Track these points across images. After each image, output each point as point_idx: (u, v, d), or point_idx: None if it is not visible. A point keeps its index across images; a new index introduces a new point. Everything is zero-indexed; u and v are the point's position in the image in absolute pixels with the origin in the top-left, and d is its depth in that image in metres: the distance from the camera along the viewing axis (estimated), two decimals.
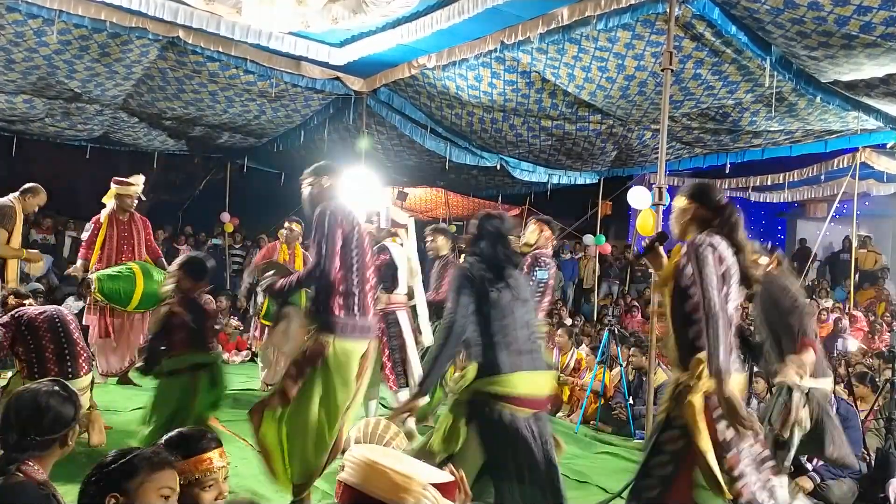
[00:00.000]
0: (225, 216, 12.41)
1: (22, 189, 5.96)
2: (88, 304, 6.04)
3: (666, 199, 6.03)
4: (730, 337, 2.36)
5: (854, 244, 10.45)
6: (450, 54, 7.02)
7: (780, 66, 6.23)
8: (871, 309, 10.60)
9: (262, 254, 6.78)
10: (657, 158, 5.97)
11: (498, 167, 10.23)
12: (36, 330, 4.08)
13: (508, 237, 3.01)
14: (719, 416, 2.32)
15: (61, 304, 6.04)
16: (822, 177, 9.99)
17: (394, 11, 5.90)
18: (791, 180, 10.42)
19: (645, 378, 5.85)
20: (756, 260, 3.54)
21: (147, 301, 5.98)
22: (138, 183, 6.21)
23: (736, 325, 2.56)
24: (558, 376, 7.24)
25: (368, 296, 3.38)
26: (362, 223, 3.54)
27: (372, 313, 3.43)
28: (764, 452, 2.46)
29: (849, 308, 10.06)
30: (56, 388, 2.20)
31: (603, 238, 11.99)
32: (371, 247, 3.53)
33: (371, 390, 5.04)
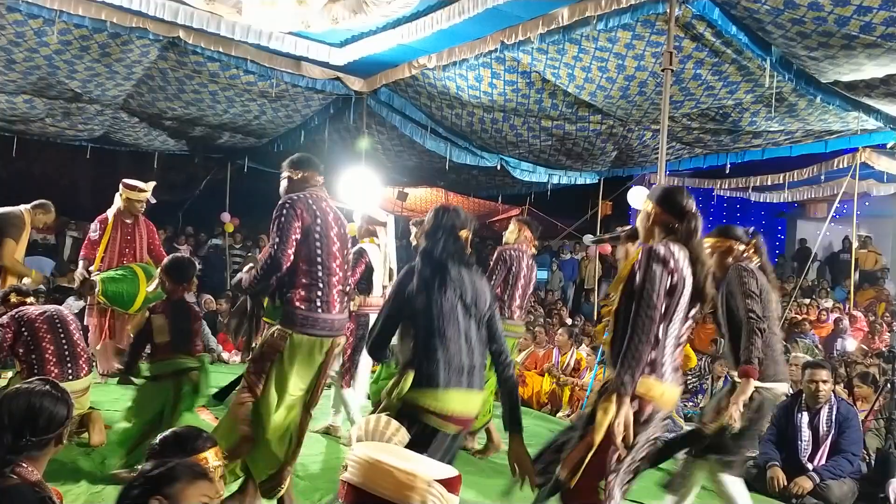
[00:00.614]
0: (225, 216, 12.42)
1: (34, 203, 6.00)
2: (90, 305, 6.03)
3: None
4: (651, 353, 2.37)
5: (854, 244, 10.46)
6: (450, 54, 7.02)
7: (781, 67, 6.23)
8: (871, 309, 10.60)
9: (264, 254, 6.78)
10: (657, 158, 5.98)
11: (498, 167, 10.23)
12: (36, 331, 4.08)
13: (461, 233, 2.76)
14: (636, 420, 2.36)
15: (61, 304, 6.05)
16: (822, 177, 9.99)
17: (394, 11, 5.91)
18: (791, 180, 10.42)
19: None
20: (730, 247, 3.51)
21: (148, 304, 6.00)
22: (148, 190, 6.18)
23: (680, 340, 2.50)
24: (558, 376, 7.26)
25: (334, 291, 3.24)
26: (339, 217, 3.42)
27: (340, 309, 3.29)
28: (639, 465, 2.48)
29: (849, 308, 10.07)
30: (48, 388, 2.20)
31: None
32: (345, 241, 3.39)
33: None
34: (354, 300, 4.82)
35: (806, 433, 4.58)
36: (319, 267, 3.23)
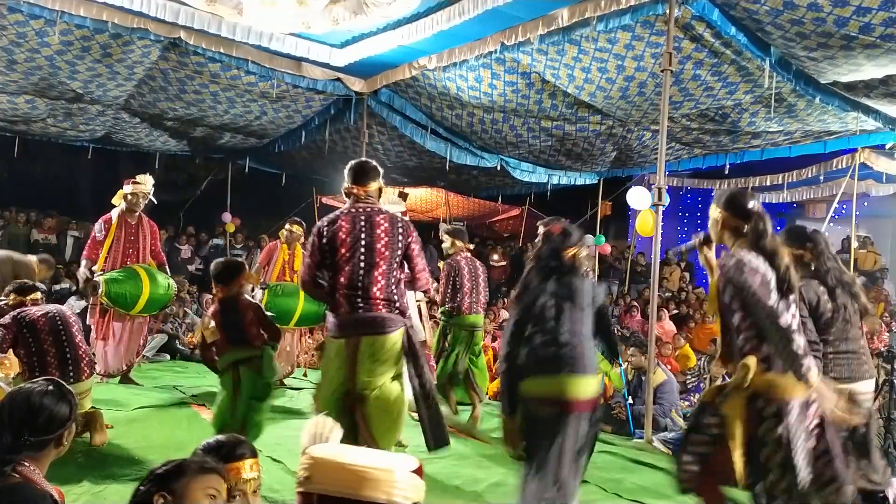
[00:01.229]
0: (226, 216, 12.43)
1: (40, 257, 6.11)
2: (93, 304, 6.03)
3: (665, 200, 6.06)
4: (763, 349, 2.46)
5: (853, 245, 10.46)
6: (450, 55, 7.04)
7: (780, 67, 6.25)
8: None
9: (264, 254, 6.81)
10: (657, 159, 5.99)
11: (498, 168, 10.25)
12: (38, 333, 4.08)
13: (567, 252, 3.11)
14: (762, 416, 2.44)
15: (63, 304, 6.07)
16: (822, 177, 10.01)
17: (394, 13, 5.93)
18: (790, 181, 10.44)
19: (644, 378, 5.87)
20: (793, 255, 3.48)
21: (151, 306, 6.01)
22: (145, 182, 6.17)
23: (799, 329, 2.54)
24: None
25: (338, 296, 3.42)
26: (368, 221, 3.49)
27: (346, 311, 3.43)
28: (823, 447, 2.51)
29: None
30: (50, 388, 2.19)
31: (603, 238, 12.00)
32: (367, 245, 3.47)
33: None
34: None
35: None
36: (329, 277, 3.48)
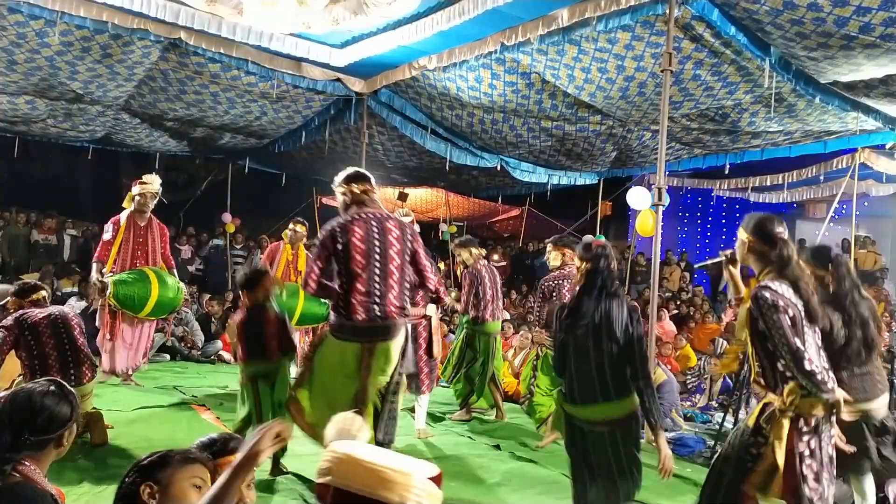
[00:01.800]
0: (226, 216, 12.42)
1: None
2: (101, 306, 6.04)
3: (665, 200, 6.06)
4: (822, 371, 2.57)
5: (853, 244, 10.46)
6: (450, 56, 7.04)
7: (780, 67, 6.24)
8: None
9: (267, 254, 6.82)
10: (657, 159, 6.00)
11: (498, 168, 10.25)
12: (39, 335, 4.07)
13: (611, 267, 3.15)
14: (804, 433, 2.60)
15: (63, 304, 6.05)
16: (822, 177, 10.02)
17: (394, 13, 5.93)
18: (790, 181, 10.45)
19: None
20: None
21: (159, 309, 6.00)
22: (153, 182, 6.17)
23: (821, 352, 2.70)
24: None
25: (354, 302, 3.44)
26: (381, 229, 3.55)
27: (367, 317, 3.45)
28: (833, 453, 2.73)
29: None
30: (52, 388, 2.18)
31: (603, 238, 12.00)
32: (381, 253, 3.53)
33: None
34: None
35: None
36: (343, 281, 3.50)
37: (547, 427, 5.21)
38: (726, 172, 9.84)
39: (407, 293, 3.60)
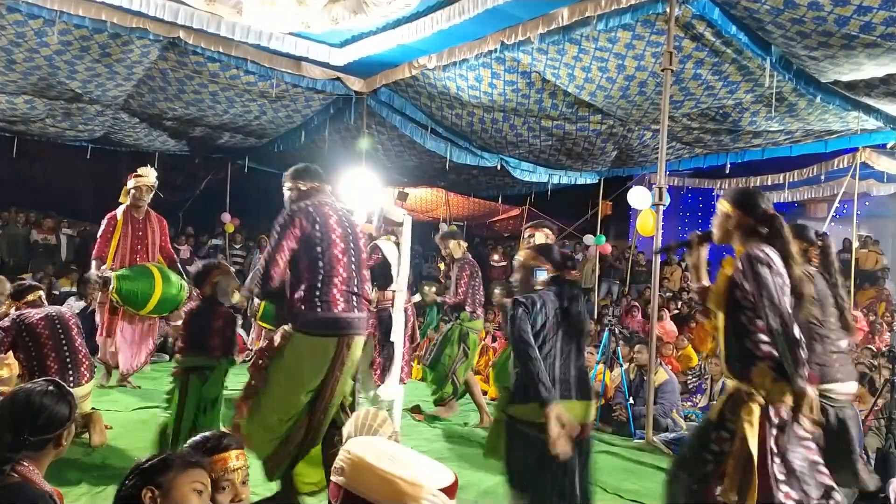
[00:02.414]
0: (225, 216, 12.42)
1: None
2: (101, 302, 5.95)
3: (666, 199, 6.05)
4: (772, 351, 2.39)
5: (854, 244, 10.46)
6: (450, 55, 7.03)
7: (780, 66, 6.23)
8: (872, 309, 10.60)
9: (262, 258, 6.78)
10: (657, 158, 5.99)
11: (498, 167, 10.24)
12: (37, 337, 4.06)
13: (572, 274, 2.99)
14: (773, 425, 2.38)
15: (62, 304, 6.04)
16: (823, 177, 10.01)
17: (394, 12, 5.91)
18: (791, 180, 10.44)
19: (646, 377, 5.86)
20: (804, 249, 3.42)
21: (162, 306, 5.83)
22: (148, 174, 6.04)
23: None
24: None
25: (334, 290, 3.19)
26: (345, 219, 3.42)
27: (346, 308, 3.24)
28: (818, 458, 2.45)
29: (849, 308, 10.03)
30: (51, 388, 2.19)
31: (603, 238, 12.00)
32: (354, 242, 3.40)
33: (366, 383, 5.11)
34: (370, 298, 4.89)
35: None
36: (320, 269, 3.22)
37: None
38: (727, 172, 9.82)
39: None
